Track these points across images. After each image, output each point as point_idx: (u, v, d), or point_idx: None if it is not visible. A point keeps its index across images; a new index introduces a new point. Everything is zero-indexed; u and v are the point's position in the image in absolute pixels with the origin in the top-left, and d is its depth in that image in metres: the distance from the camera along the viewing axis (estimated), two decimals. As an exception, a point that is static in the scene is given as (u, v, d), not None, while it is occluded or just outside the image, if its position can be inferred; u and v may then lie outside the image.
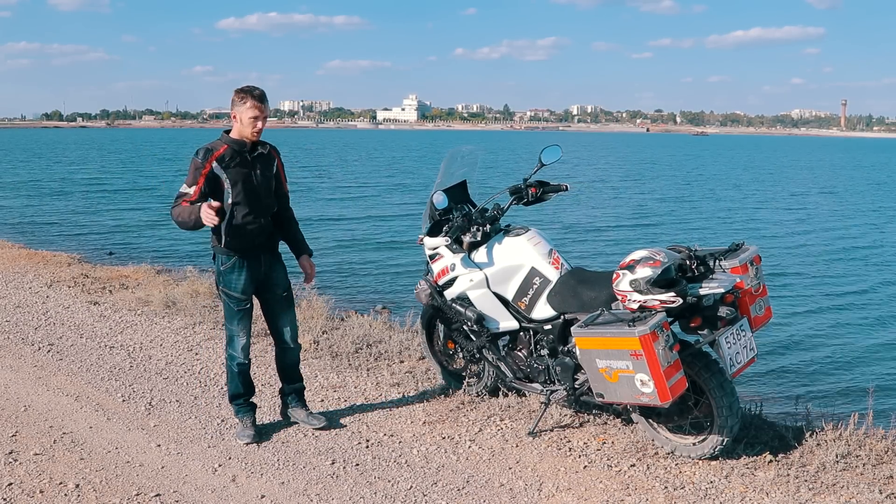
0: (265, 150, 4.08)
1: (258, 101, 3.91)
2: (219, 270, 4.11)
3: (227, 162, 3.93)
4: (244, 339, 4.17)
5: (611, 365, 3.57)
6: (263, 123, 3.96)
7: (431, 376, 5.13)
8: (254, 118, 3.91)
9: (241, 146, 3.97)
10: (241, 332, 4.16)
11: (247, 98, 3.90)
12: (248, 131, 3.95)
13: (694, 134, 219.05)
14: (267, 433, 4.31)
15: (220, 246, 4.05)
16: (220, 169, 3.91)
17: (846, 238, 18.28)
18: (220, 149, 3.94)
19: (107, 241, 15.55)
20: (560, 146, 4.64)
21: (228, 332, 4.21)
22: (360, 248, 15.15)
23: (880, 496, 3.52)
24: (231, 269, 4.06)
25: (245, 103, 3.90)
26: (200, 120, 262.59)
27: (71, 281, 8.24)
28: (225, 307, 4.20)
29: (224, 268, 4.07)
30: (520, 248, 4.31)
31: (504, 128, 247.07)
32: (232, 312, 4.15)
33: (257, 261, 4.11)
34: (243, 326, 4.16)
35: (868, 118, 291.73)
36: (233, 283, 4.08)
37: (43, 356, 5.72)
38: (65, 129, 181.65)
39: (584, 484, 3.75)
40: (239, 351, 4.18)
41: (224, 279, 4.09)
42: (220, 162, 3.91)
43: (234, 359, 4.20)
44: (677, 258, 3.69)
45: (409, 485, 3.76)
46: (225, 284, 4.10)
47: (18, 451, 4.06)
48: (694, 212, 23.38)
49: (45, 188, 27.32)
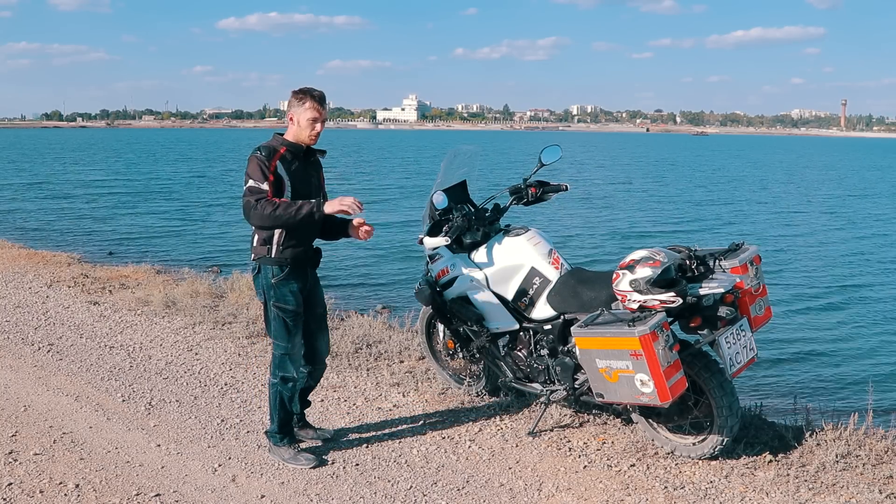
0: (321, 156, 3.91)
1: (318, 103, 3.70)
2: (268, 284, 3.77)
3: (289, 163, 3.71)
4: (300, 357, 3.91)
5: (611, 365, 3.57)
6: (322, 126, 3.75)
7: (431, 376, 5.14)
8: (312, 120, 3.70)
9: (298, 150, 3.75)
10: (297, 350, 3.86)
11: (306, 99, 3.69)
12: (306, 134, 3.72)
13: (694, 134, 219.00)
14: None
15: (269, 256, 3.74)
16: (283, 168, 3.68)
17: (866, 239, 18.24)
18: (282, 149, 3.71)
19: (107, 241, 15.54)
20: (560, 146, 4.65)
21: (280, 351, 3.84)
22: (360, 248, 15.14)
23: (880, 496, 3.53)
24: (285, 282, 3.76)
25: (304, 104, 3.69)
26: (200, 120, 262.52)
27: (71, 281, 8.23)
28: (276, 325, 3.82)
29: (276, 280, 3.75)
30: (520, 248, 4.31)
31: (504, 128, 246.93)
32: (287, 328, 3.80)
33: (305, 274, 3.87)
34: (298, 343, 3.86)
35: (868, 118, 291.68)
36: (287, 296, 3.77)
37: (43, 356, 5.72)
38: (65, 129, 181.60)
39: (584, 484, 3.75)
40: (294, 371, 3.86)
41: (277, 293, 3.77)
42: (283, 162, 3.69)
43: (289, 381, 3.86)
44: (677, 258, 3.69)
45: (409, 485, 3.76)
46: (278, 299, 3.77)
47: (18, 451, 4.06)
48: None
49: (49, 189, 27.31)
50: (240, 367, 5.50)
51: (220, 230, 17.64)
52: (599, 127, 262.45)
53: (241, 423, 4.49)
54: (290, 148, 3.74)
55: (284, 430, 3.99)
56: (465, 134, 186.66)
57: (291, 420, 4.04)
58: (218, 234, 17.11)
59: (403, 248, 14.77)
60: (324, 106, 3.74)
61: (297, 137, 3.75)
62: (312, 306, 3.97)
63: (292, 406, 4.00)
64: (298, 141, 3.76)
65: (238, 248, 14.62)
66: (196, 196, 25.99)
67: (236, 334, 6.20)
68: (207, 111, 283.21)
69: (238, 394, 4.98)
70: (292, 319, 3.82)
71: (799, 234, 19.01)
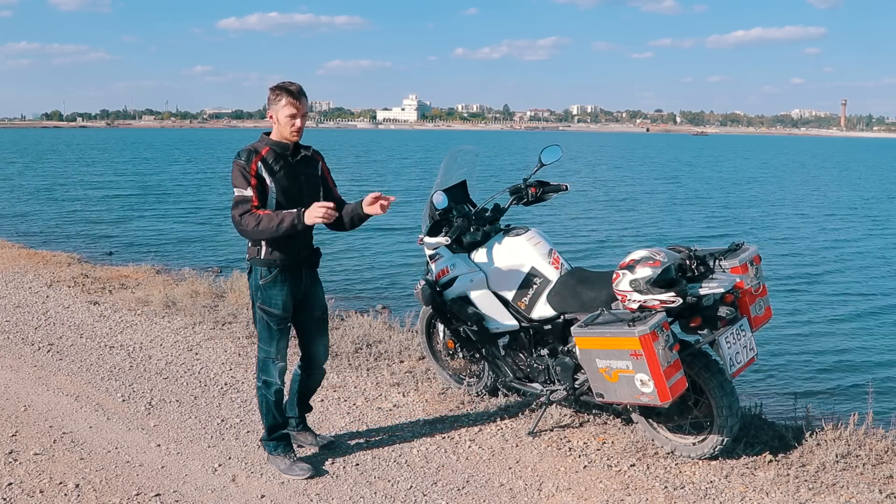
0: (308, 152, 3.76)
1: (294, 98, 3.58)
2: (256, 285, 3.71)
3: (271, 164, 3.60)
4: (282, 363, 3.79)
5: (611, 365, 3.57)
6: (303, 122, 3.62)
7: (431, 376, 5.14)
8: (291, 116, 3.58)
9: (284, 149, 3.64)
10: (279, 355, 3.77)
11: (282, 95, 3.58)
12: (287, 131, 3.61)
13: (694, 134, 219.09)
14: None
15: (259, 258, 3.68)
16: (265, 170, 3.58)
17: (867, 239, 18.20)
18: (263, 150, 3.61)
19: (107, 240, 15.54)
20: (560, 146, 4.65)
21: (263, 355, 3.79)
22: (360, 248, 15.14)
23: (880, 496, 3.53)
24: (272, 284, 3.68)
25: (280, 101, 3.58)
26: (200, 120, 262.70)
27: (71, 281, 8.24)
28: (260, 327, 3.77)
29: (263, 282, 3.68)
30: (520, 248, 4.31)
31: (504, 128, 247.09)
32: (270, 332, 3.74)
33: (298, 276, 3.76)
34: (282, 348, 3.78)
35: (868, 118, 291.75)
36: (273, 300, 3.69)
37: (43, 356, 5.72)
38: (65, 129, 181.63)
39: (584, 484, 3.75)
40: (276, 376, 3.77)
41: (263, 294, 3.70)
42: (264, 163, 3.58)
43: (271, 386, 3.78)
44: (677, 258, 3.69)
45: (409, 485, 3.76)
46: (263, 301, 3.70)
47: (18, 451, 4.06)
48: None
49: (50, 189, 27.31)
50: (240, 367, 5.50)
51: (220, 230, 17.63)
52: (599, 127, 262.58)
53: (241, 423, 4.49)
54: (273, 147, 3.64)
55: (275, 436, 3.89)
56: (465, 134, 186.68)
57: (282, 427, 3.91)
58: (218, 234, 17.10)
59: (403, 248, 14.76)
60: (301, 100, 3.61)
61: (280, 136, 3.65)
62: (310, 309, 3.87)
63: (281, 412, 3.88)
64: (283, 139, 3.65)
65: (238, 249, 14.62)
66: (196, 196, 25.99)
67: (236, 334, 6.20)
68: (207, 111, 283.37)
69: (238, 394, 4.98)
70: (276, 324, 3.73)
71: (799, 234, 18.99)
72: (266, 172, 3.59)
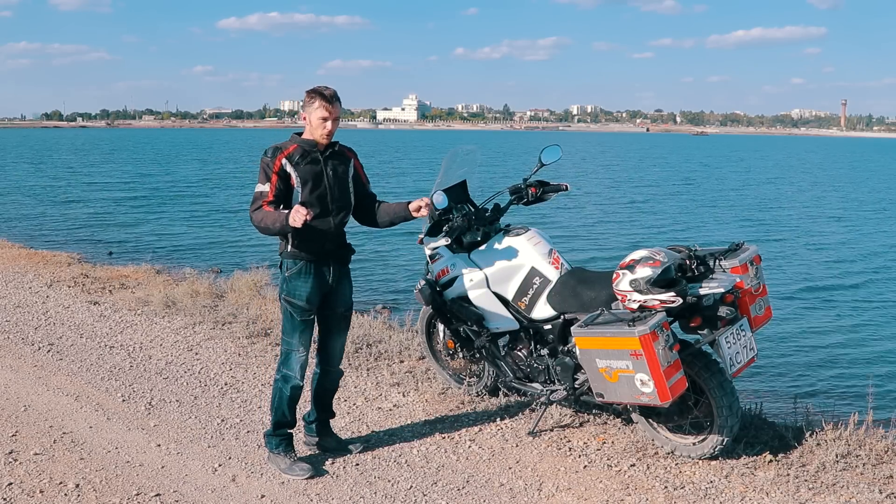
0: (337, 149, 3.85)
1: (327, 102, 3.70)
2: (283, 277, 3.81)
3: (297, 160, 3.72)
4: (304, 356, 3.82)
5: (611, 365, 3.57)
6: (335, 125, 3.75)
7: (431, 376, 5.14)
8: (323, 119, 3.70)
9: (312, 146, 3.77)
10: (301, 347, 3.81)
11: (315, 98, 3.71)
12: (318, 133, 3.73)
13: (694, 134, 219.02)
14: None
15: (286, 251, 3.79)
16: (290, 166, 3.70)
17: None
18: (290, 147, 3.75)
19: (107, 240, 15.54)
20: (560, 146, 4.65)
21: (286, 346, 3.84)
22: (360, 248, 15.14)
23: (880, 496, 3.53)
24: (297, 275, 3.77)
25: (313, 103, 3.71)
26: (200, 120, 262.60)
27: (71, 281, 8.24)
28: (285, 318, 3.84)
29: (289, 273, 3.78)
30: (520, 248, 4.31)
31: (504, 128, 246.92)
32: (293, 324, 3.80)
33: (326, 270, 3.83)
34: (304, 341, 3.82)
35: (868, 118, 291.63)
36: (297, 291, 3.77)
37: (43, 356, 5.72)
38: (65, 129, 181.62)
39: (584, 484, 3.75)
40: (297, 369, 3.80)
41: (288, 286, 3.78)
42: (289, 159, 3.71)
43: (290, 379, 3.81)
44: (677, 258, 3.69)
45: (409, 485, 3.76)
46: (288, 292, 3.78)
47: (18, 451, 4.06)
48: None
49: (50, 190, 27.31)
50: (240, 367, 5.50)
51: (220, 230, 17.63)
52: (599, 127, 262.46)
53: (241, 423, 4.49)
54: (301, 145, 3.77)
55: (279, 433, 3.90)
56: (465, 134, 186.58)
57: (288, 426, 3.92)
58: (218, 234, 17.10)
59: (403, 248, 14.75)
60: (333, 104, 3.73)
61: (311, 136, 3.79)
62: (334, 304, 3.92)
63: (292, 411, 3.89)
64: (313, 139, 3.79)
65: (238, 249, 14.63)
66: (197, 196, 25.99)
67: (236, 334, 6.20)
68: (207, 111, 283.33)
69: (238, 394, 4.98)
70: (299, 315, 3.79)
71: (799, 234, 18.98)
72: (291, 168, 3.71)
